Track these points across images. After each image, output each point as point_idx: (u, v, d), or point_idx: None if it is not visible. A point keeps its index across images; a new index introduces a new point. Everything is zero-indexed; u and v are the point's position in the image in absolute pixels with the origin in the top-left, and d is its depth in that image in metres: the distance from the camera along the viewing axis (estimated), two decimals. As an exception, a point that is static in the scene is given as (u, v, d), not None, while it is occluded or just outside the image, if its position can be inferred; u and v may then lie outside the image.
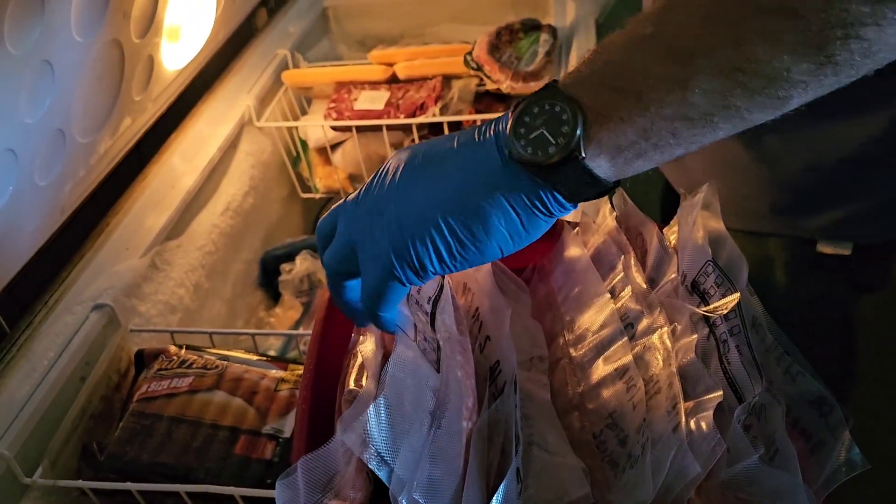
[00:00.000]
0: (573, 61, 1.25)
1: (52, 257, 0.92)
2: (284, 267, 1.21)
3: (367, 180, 0.47)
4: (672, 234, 0.57)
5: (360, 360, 0.50)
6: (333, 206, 0.49)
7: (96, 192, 0.97)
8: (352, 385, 0.48)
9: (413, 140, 1.24)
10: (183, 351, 0.85)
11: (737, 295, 0.44)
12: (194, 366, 0.82)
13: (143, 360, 0.85)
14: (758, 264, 0.78)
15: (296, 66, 1.42)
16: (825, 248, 0.79)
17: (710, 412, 0.40)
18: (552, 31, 1.29)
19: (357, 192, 0.47)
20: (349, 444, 0.39)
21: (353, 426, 0.39)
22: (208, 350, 0.86)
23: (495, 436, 0.44)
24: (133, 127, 1.00)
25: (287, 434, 0.76)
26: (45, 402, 0.77)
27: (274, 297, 1.28)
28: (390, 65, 1.31)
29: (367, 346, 0.49)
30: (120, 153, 1.00)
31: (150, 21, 0.92)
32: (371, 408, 0.39)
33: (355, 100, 1.27)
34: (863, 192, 0.72)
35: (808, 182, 0.73)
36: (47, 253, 0.89)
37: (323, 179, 1.35)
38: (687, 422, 0.41)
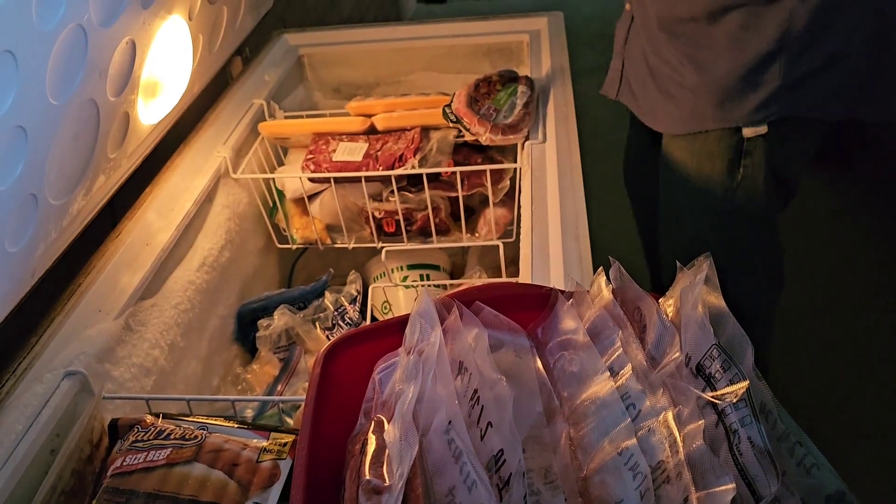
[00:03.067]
0: (551, 113, 1.26)
1: (21, 323, 0.88)
2: (262, 322, 1.19)
3: None
4: (669, 306, 0.56)
5: (373, 446, 0.48)
6: None
7: (68, 252, 0.94)
8: (368, 474, 0.47)
9: (392, 191, 1.24)
10: (160, 420, 0.82)
11: (746, 383, 0.43)
12: (172, 436, 0.79)
13: (116, 430, 0.81)
14: (704, 158, 1.14)
15: (272, 115, 1.41)
16: (748, 132, 1.08)
17: (726, 509, 0.39)
18: (529, 82, 1.30)
19: None
20: None
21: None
22: (186, 418, 0.83)
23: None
24: (106, 184, 0.98)
25: (270, 508, 0.73)
26: (14, 480, 0.73)
27: (251, 350, 1.25)
28: (368, 115, 1.31)
29: (389, 433, 0.48)
30: (93, 212, 0.97)
31: (127, 78, 0.90)
32: None
33: (333, 151, 1.26)
34: (769, 80, 1.03)
35: (731, 80, 1.05)
36: (15, 319, 0.85)
37: (300, 230, 1.33)
38: (701, 519, 0.40)
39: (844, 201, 2.42)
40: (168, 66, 1.04)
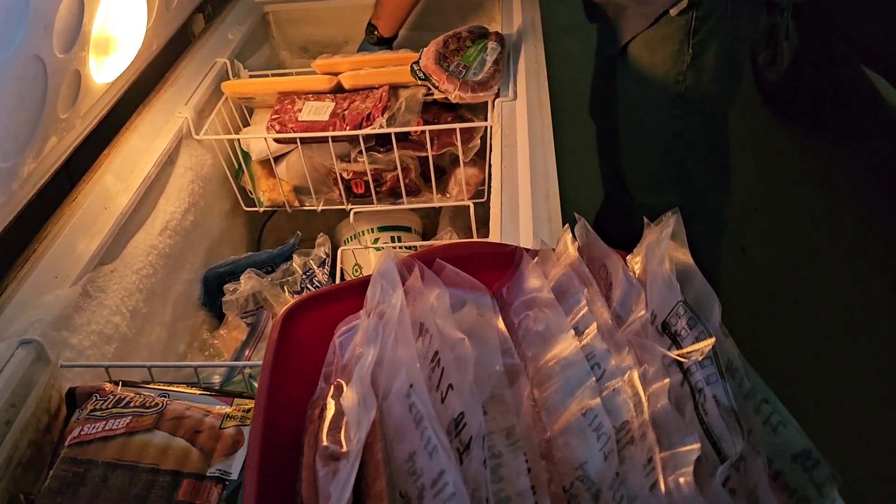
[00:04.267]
0: (522, 70, 1.23)
1: (-28, 291, 0.85)
2: (228, 287, 1.16)
3: None
4: (636, 263, 0.55)
5: (332, 411, 0.46)
6: None
7: (21, 217, 0.91)
8: (325, 440, 0.45)
9: (360, 152, 1.21)
10: (119, 388, 0.79)
11: (712, 340, 0.42)
12: (131, 404, 0.77)
13: (74, 399, 0.79)
14: (657, 46, 1.26)
15: (236, 74, 1.37)
16: (673, 11, 1.22)
17: (690, 468, 0.38)
18: (500, 38, 1.27)
19: None
20: None
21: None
22: (147, 385, 0.81)
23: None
24: (60, 146, 0.94)
25: (234, 476, 0.72)
26: (-33, 453, 0.71)
27: (218, 316, 1.22)
28: (335, 74, 1.27)
29: (347, 397, 0.46)
30: (46, 174, 0.93)
31: (76, 34, 0.86)
32: None
33: (299, 111, 1.22)
34: None
35: None
36: (-34, 286, 0.82)
37: (267, 192, 1.30)
38: (665, 479, 0.38)
39: (816, 163, 2.42)
40: (121, 21, 0.99)
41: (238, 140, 1.27)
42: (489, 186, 1.18)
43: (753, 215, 2.21)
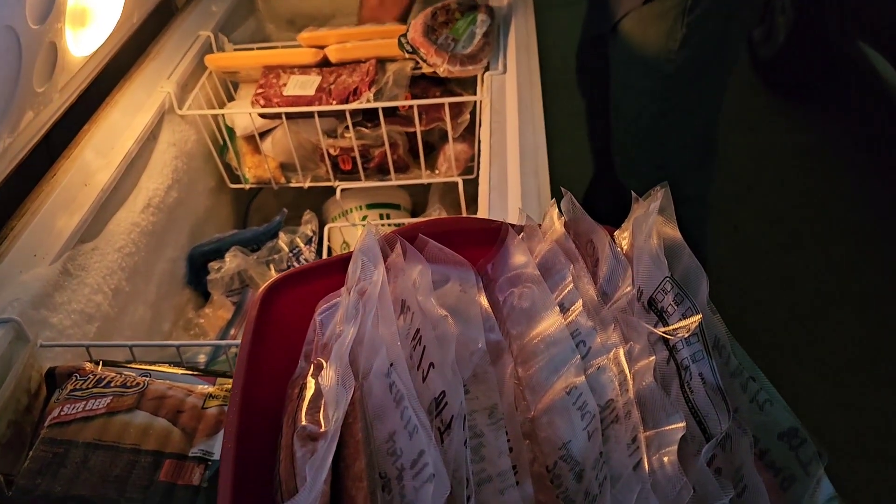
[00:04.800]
0: (512, 42, 1.21)
1: (-52, 269, 0.83)
2: (213, 265, 1.14)
3: None
4: (624, 239, 0.53)
5: (311, 391, 0.45)
6: None
7: (-2, 194, 0.89)
8: (304, 420, 0.44)
9: (347, 127, 1.18)
10: (99, 368, 0.78)
11: (698, 317, 0.41)
12: (112, 384, 0.76)
13: (55, 379, 0.78)
14: (650, 23, 1.22)
15: (220, 48, 1.34)
16: None
17: (675, 448, 0.37)
18: (489, 10, 1.24)
19: None
20: None
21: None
22: (128, 365, 0.80)
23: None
24: (37, 121, 0.92)
25: (217, 455, 0.71)
26: (-56, 433, 0.70)
27: (203, 295, 1.21)
28: (321, 47, 1.24)
29: (325, 376, 0.45)
30: (23, 150, 0.91)
31: (50, 4, 0.83)
32: None
33: (284, 85, 1.20)
34: None
35: None
36: (-59, 264, 0.80)
37: (252, 169, 1.28)
38: (649, 458, 0.37)
39: (810, 139, 2.41)
40: (99, -9, 0.97)
41: (222, 115, 1.25)
42: (479, 162, 1.16)
43: (746, 193, 2.20)
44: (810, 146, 2.38)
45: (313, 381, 0.50)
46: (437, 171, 1.25)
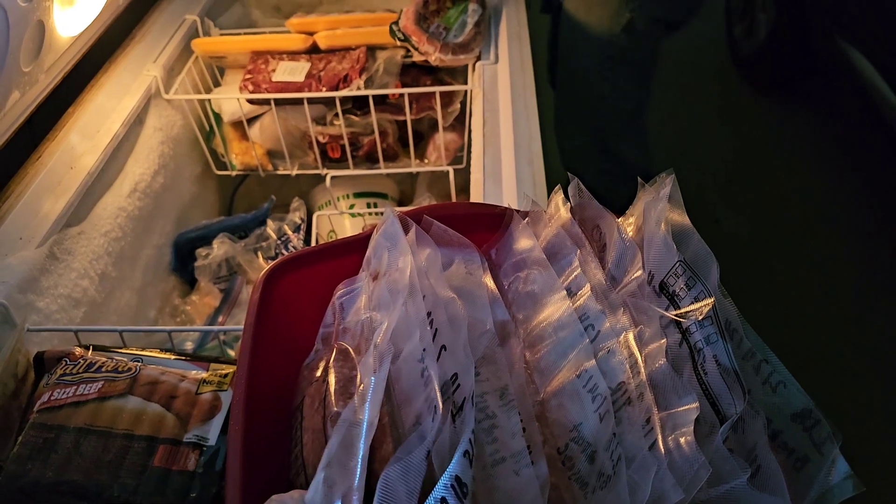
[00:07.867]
0: (503, 32, 1.21)
1: (-68, 251, 0.81)
2: (200, 252, 1.13)
3: None
4: (629, 225, 0.53)
5: (339, 375, 0.45)
6: None
7: (-18, 176, 0.87)
8: (336, 406, 0.44)
9: (336, 114, 1.18)
10: (90, 352, 0.77)
11: (711, 300, 0.41)
12: (103, 369, 0.74)
13: (43, 364, 0.76)
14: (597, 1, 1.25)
15: (206, 33, 1.32)
16: None
17: (690, 428, 0.37)
18: (480, 0, 1.24)
19: None
20: None
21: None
22: (119, 350, 0.78)
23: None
24: (23, 101, 0.90)
25: (212, 441, 0.70)
26: (-70, 418, 0.68)
27: (189, 282, 1.19)
28: (310, 34, 1.23)
29: (367, 365, 0.45)
30: (8, 131, 0.89)
31: (39, -19, 0.81)
32: None
33: (273, 71, 1.19)
34: None
35: None
36: (-75, 246, 0.78)
37: (239, 156, 1.26)
38: (664, 439, 0.38)
39: (790, 134, 2.44)
40: (87, -30, 0.95)
41: (209, 101, 1.23)
42: (469, 152, 1.16)
43: (727, 186, 2.22)
44: (790, 141, 2.41)
45: (338, 365, 0.50)
46: (426, 160, 1.25)
